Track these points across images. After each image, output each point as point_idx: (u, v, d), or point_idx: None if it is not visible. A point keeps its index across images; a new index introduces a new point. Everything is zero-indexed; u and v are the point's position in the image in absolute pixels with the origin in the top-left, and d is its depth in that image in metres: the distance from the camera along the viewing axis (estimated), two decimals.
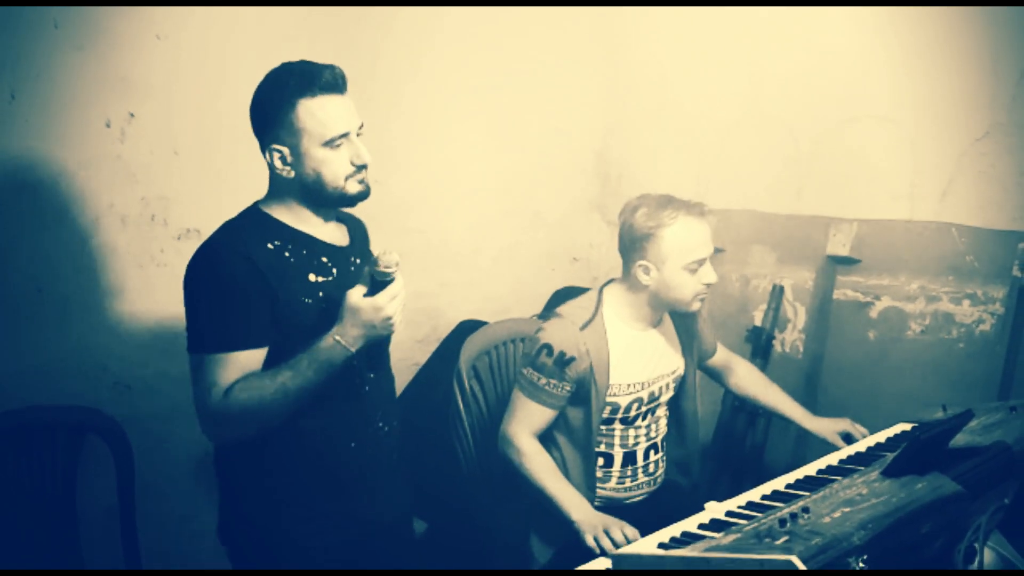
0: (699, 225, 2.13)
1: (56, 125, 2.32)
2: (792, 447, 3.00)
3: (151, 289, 2.50)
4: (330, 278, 1.82)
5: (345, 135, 1.76)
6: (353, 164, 1.77)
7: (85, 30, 2.33)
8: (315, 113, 1.73)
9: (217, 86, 2.54)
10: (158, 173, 2.49)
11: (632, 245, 2.16)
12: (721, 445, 3.10)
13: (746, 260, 3.21)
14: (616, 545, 1.87)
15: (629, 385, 2.22)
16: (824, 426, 2.35)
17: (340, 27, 2.78)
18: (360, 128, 1.80)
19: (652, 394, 2.27)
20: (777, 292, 3.10)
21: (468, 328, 2.80)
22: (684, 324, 2.35)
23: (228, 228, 1.82)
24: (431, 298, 3.15)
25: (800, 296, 3.06)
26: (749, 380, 2.52)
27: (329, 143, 1.74)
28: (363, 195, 1.82)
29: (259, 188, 2.10)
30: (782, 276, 3.11)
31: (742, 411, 3.06)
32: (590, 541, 1.91)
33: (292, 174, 1.77)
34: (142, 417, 2.48)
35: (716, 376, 2.54)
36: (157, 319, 2.52)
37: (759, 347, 3.10)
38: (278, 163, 1.77)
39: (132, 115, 2.43)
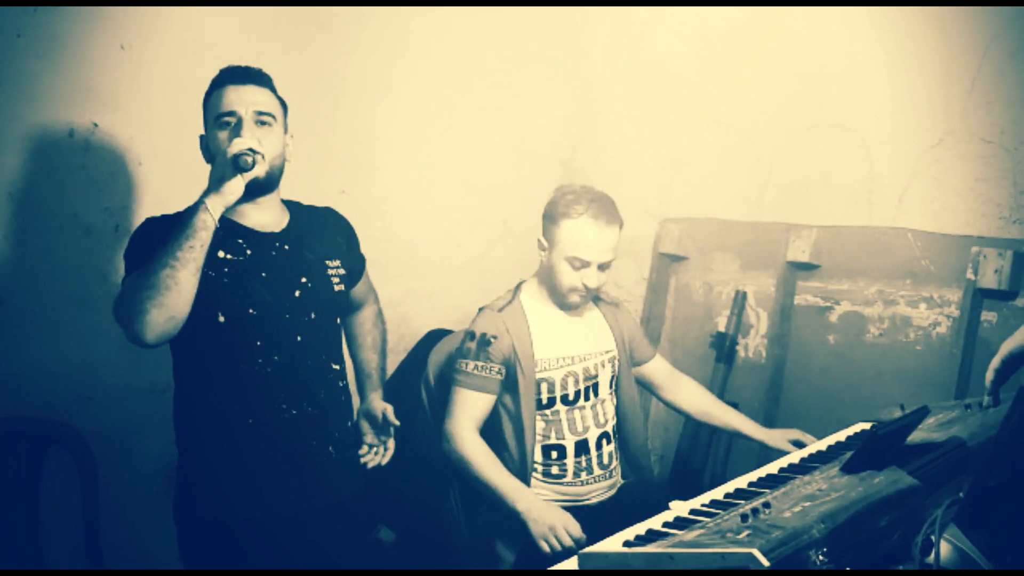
0: (598, 230, 2.23)
1: (19, 135, 2.31)
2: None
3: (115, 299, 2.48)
4: (240, 258, 1.98)
5: (229, 114, 1.94)
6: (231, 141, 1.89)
7: (48, 39, 2.32)
8: (214, 99, 1.98)
9: (183, 96, 2.54)
10: (122, 183, 2.48)
11: (543, 220, 2.32)
12: (680, 480, 3.12)
13: (709, 267, 3.26)
14: (563, 545, 1.97)
15: (558, 359, 2.29)
16: (776, 436, 2.42)
17: (308, 38, 2.80)
18: (261, 115, 1.96)
19: (587, 370, 2.33)
20: (740, 298, 3.15)
21: (436, 337, 2.81)
22: (612, 315, 2.45)
23: (168, 215, 2.00)
24: (398, 307, 3.15)
25: (762, 302, 3.11)
26: (697, 398, 2.56)
27: (216, 120, 1.96)
28: (255, 177, 1.91)
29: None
30: (744, 282, 3.16)
31: (698, 440, 3.09)
32: (544, 547, 2.00)
33: (208, 160, 1.97)
34: (106, 428, 2.46)
35: (650, 387, 2.57)
36: (121, 330, 2.50)
37: (723, 353, 3.14)
38: (203, 151, 2.02)
39: (96, 125, 2.42)
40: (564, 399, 2.30)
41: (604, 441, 2.36)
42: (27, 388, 2.35)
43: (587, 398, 2.33)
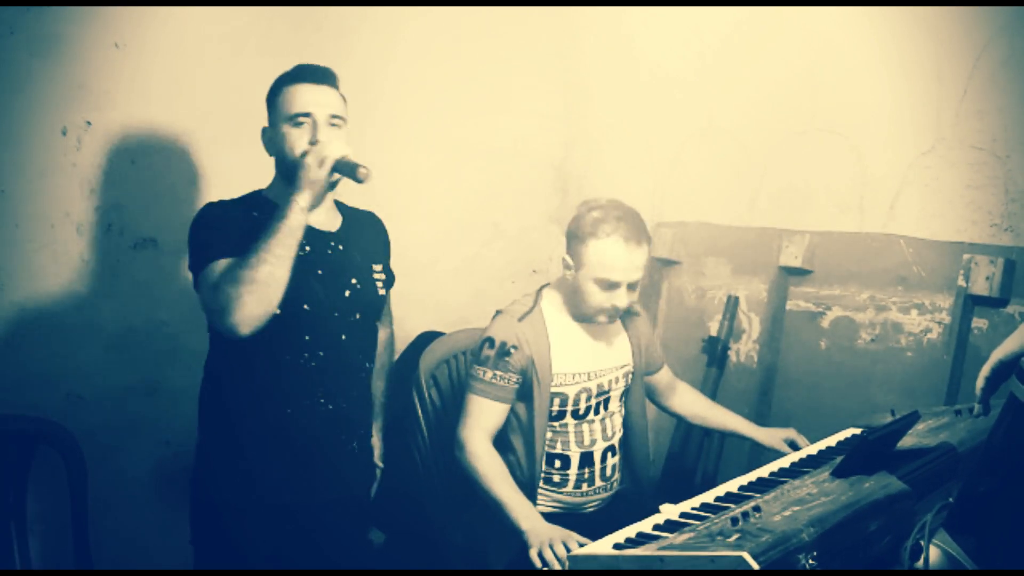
0: (626, 251, 2.16)
1: (11, 132, 2.30)
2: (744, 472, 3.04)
3: (107, 299, 2.47)
4: (300, 254, 1.96)
5: (306, 115, 1.99)
6: (309, 143, 1.97)
7: (42, 37, 2.31)
8: (287, 95, 2.02)
9: (176, 95, 2.54)
10: (115, 182, 2.47)
11: (568, 238, 2.26)
12: (672, 480, 3.12)
13: (701, 272, 3.26)
14: (559, 559, 1.91)
15: (575, 375, 2.26)
16: (771, 435, 2.43)
17: (303, 39, 2.79)
18: (334, 118, 2.02)
19: (601, 386, 2.30)
20: (732, 303, 3.15)
21: (427, 339, 2.80)
22: (634, 326, 2.40)
23: (226, 200, 2.07)
24: None
25: (754, 307, 3.11)
26: (692, 402, 2.57)
27: (290, 119, 2.00)
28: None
29: (217, 197, 2.11)
30: (736, 287, 3.16)
31: (689, 442, 3.09)
32: (533, 556, 1.95)
33: (272, 154, 2.05)
34: (96, 428, 2.45)
35: (651, 393, 2.56)
36: (112, 329, 2.49)
37: (715, 357, 3.14)
38: (266, 142, 2.07)
39: (89, 123, 2.41)
40: (575, 413, 2.28)
41: (609, 454, 2.34)
42: (16, 387, 2.34)
43: (597, 412, 2.31)
